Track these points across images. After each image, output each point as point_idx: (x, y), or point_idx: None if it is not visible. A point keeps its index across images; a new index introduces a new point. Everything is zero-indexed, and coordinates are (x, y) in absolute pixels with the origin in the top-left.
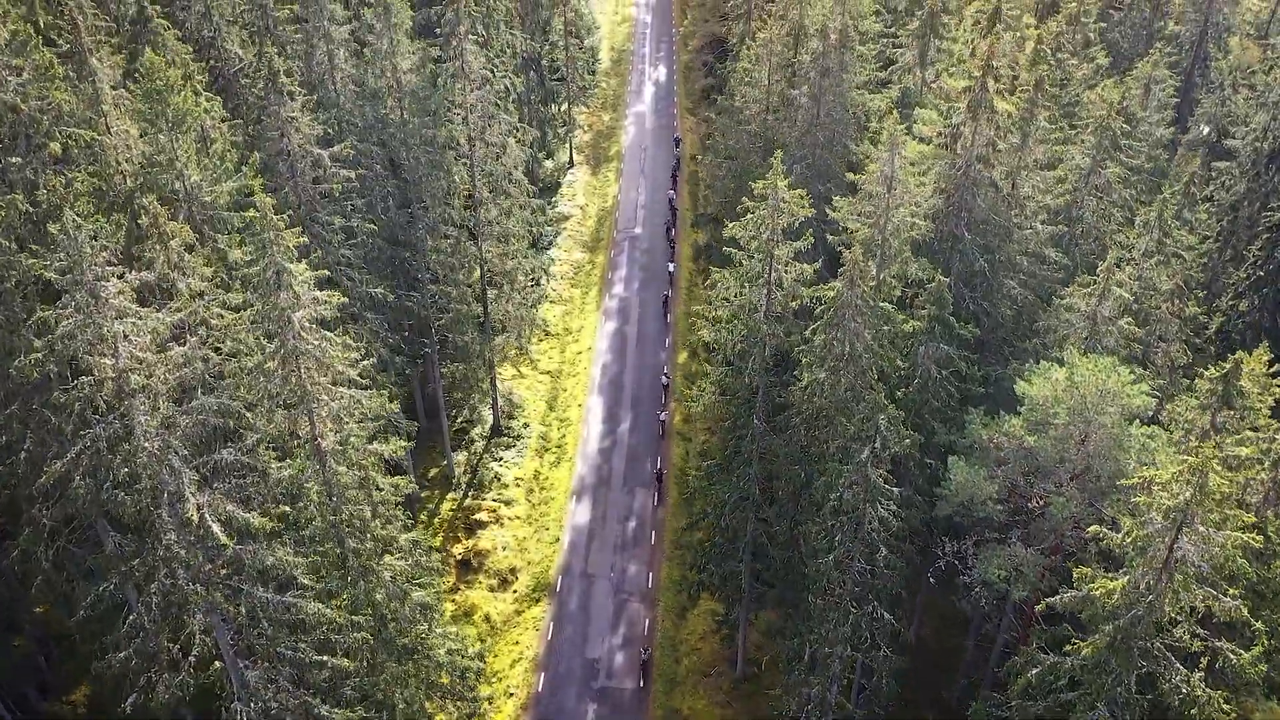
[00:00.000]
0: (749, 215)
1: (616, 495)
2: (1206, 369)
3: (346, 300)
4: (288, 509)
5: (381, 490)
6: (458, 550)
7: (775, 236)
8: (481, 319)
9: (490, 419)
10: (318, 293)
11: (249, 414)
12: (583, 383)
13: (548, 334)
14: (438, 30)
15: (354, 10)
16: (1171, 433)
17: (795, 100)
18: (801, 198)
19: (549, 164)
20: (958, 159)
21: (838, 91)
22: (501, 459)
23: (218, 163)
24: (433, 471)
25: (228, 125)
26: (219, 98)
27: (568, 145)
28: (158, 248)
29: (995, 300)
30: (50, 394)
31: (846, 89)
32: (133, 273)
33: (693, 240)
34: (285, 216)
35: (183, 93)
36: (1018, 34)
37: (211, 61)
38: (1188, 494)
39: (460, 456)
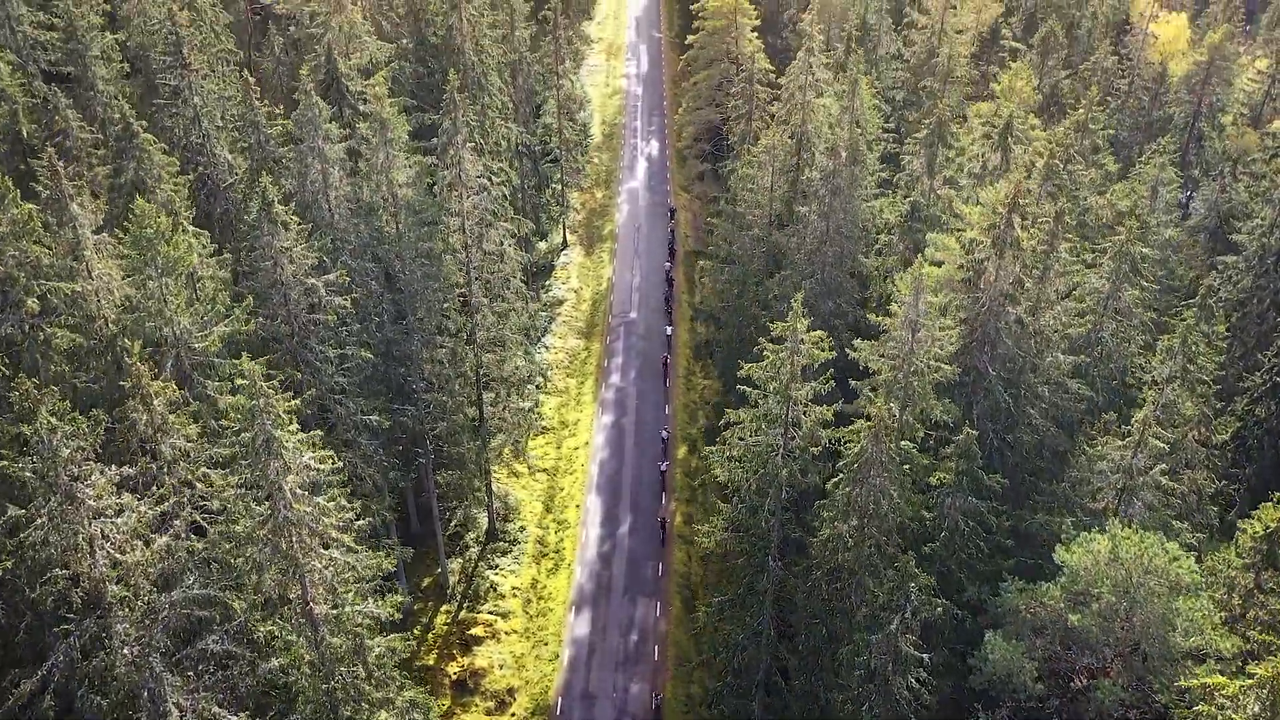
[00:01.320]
0: (768, 357)
1: (617, 605)
2: (1228, 482)
3: (343, 463)
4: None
5: (376, 650)
6: (453, 669)
7: (795, 378)
8: (477, 422)
9: (485, 522)
10: (309, 458)
11: (235, 603)
12: (580, 481)
13: (544, 428)
14: (434, 139)
15: (346, 120)
16: (1213, 592)
17: (804, 217)
18: (822, 339)
19: (542, 245)
20: (981, 295)
21: (848, 209)
22: (497, 566)
23: (208, 306)
24: (426, 581)
25: (217, 260)
26: (206, 232)
27: (561, 226)
28: (140, 408)
29: (1019, 433)
30: (23, 564)
31: (857, 204)
32: (113, 468)
33: (689, 327)
34: (278, 348)
35: (173, 238)
36: (1026, 146)
37: (201, 168)
38: (1255, 709)
39: (455, 564)
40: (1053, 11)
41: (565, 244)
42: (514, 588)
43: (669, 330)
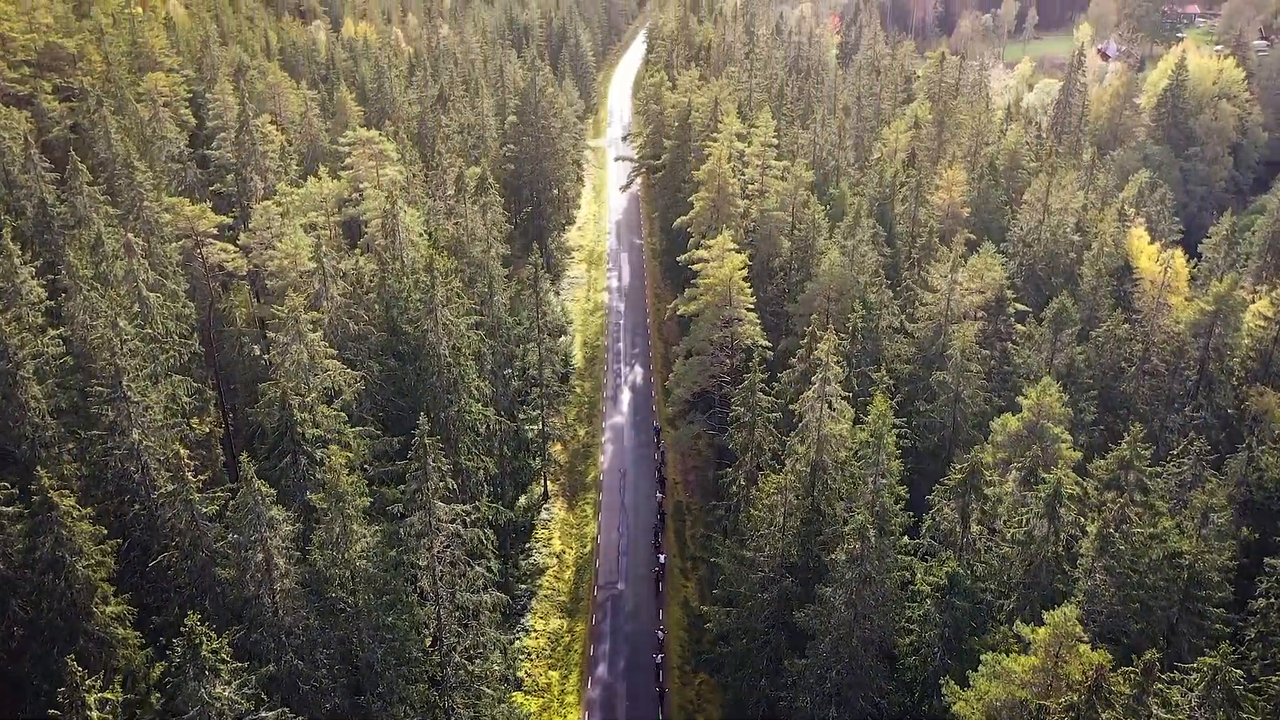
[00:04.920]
0: None
1: None
2: None
3: None
4: None
5: None
6: None
7: None
8: None
9: None
10: None
11: None
12: None
13: None
14: (402, 490)
15: (302, 471)
16: None
17: (828, 600)
18: None
19: (521, 500)
20: None
21: (879, 592)
22: None
23: None
24: None
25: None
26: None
27: (542, 476)
28: None
29: None
30: None
31: (888, 585)
32: None
33: (681, 597)
34: None
35: None
36: (1073, 516)
37: (138, 506)
38: None
39: None
40: (1048, 260)
41: (546, 495)
42: None
43: (661, 558)
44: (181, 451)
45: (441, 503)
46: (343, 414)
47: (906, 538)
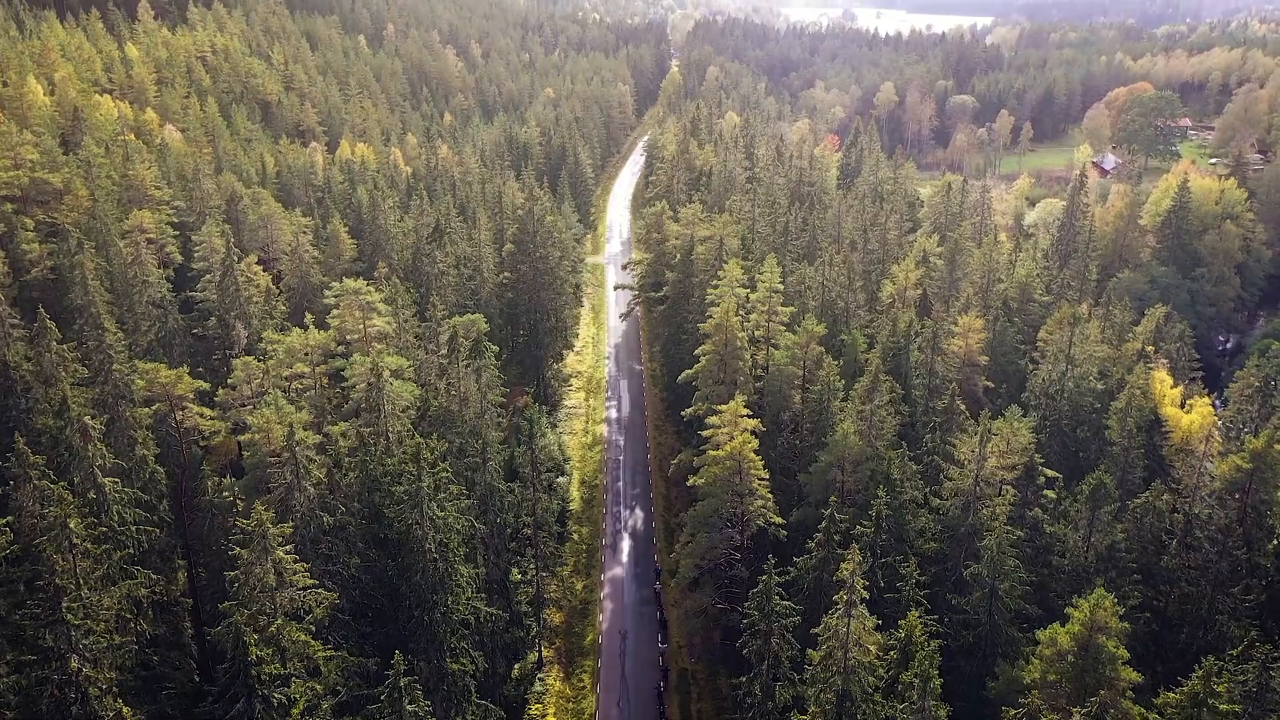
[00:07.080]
0: None
1: None
2: None
3: None
4: None
5: None
6: None
7: None
8: None
9: None
10: None
11: None
12: None
13: None
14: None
15: (257, 717)
16: None
17: None
18: None
19: (515, 671)
20: None
21: None
22: None
23: None
24: None
25: None
26: None
27: (536, 644)
28: None
29: None
30: None
31: None
32: None
33: None
34: None
35: None
36: None
37: None
38: None
39: None
40: (1074, 414)
41: (540, 663)
42: None
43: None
44: (125, 711)
45: None
46: (311, 636)
47: None
